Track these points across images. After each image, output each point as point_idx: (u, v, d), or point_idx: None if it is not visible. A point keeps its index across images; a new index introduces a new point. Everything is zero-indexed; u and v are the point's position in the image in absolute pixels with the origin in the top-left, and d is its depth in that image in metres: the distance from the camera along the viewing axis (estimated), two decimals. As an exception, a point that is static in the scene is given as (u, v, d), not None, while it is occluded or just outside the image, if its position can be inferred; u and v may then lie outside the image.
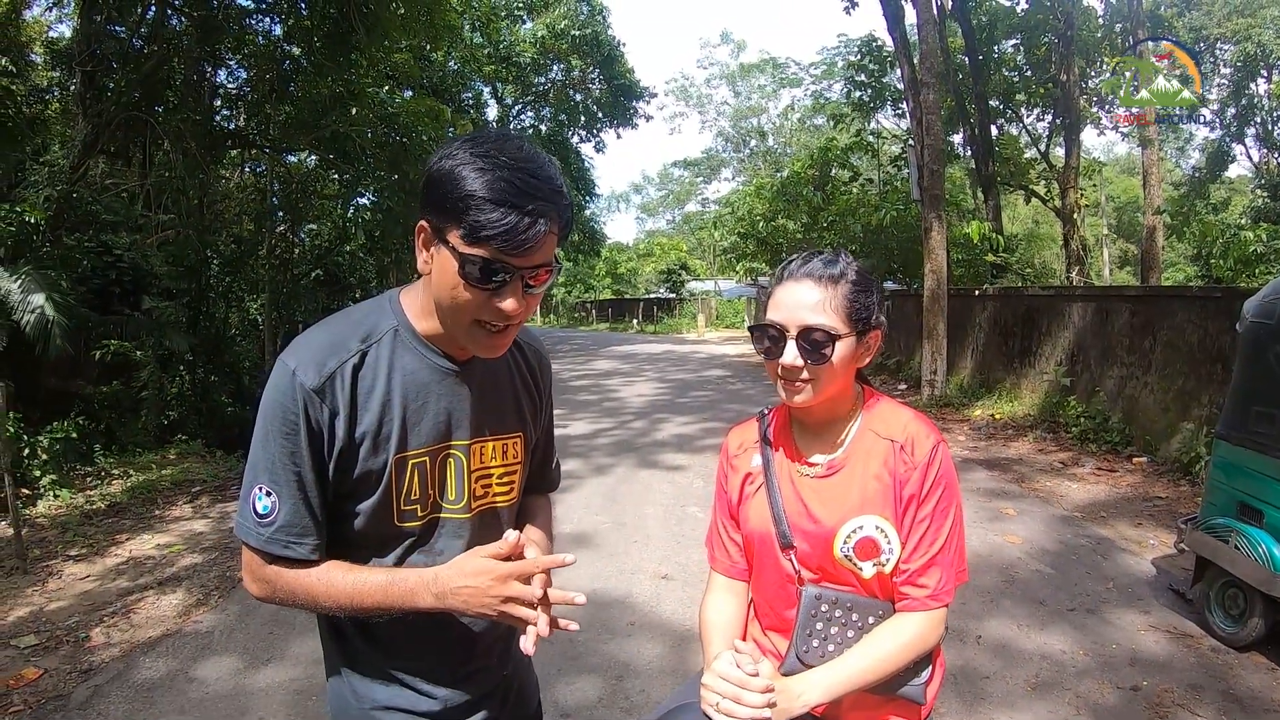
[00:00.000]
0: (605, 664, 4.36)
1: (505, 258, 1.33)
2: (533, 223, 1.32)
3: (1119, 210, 48.34)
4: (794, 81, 50.77)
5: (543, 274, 1.41)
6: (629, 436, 10.95)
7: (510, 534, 1.48)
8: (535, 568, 1.46)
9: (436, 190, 1.35)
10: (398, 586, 1.46)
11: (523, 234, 1.32)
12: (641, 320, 49.49)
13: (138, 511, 7.54)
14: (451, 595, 1.44)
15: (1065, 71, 20.08)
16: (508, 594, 1.42)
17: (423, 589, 1.45)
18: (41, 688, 4.22)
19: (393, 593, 1.46)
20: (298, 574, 1.48)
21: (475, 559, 1.45)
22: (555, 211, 1.37)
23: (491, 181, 1.31)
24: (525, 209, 1.31)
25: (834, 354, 1.63)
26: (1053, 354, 11.13)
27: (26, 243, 9.24)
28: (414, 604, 1.46)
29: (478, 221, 1.30)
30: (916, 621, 1.65)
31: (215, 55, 13.21)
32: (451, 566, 1.46)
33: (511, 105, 33.03)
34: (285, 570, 1.48)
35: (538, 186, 1.33)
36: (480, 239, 1.31)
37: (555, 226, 1.38)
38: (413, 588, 1.46)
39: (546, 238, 1.36)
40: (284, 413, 1.43)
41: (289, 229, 16.14)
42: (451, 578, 1.44)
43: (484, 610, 1.44)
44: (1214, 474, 4.66)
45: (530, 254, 1.35)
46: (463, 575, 1.44)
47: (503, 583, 1.42)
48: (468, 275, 1.35)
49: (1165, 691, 3.92)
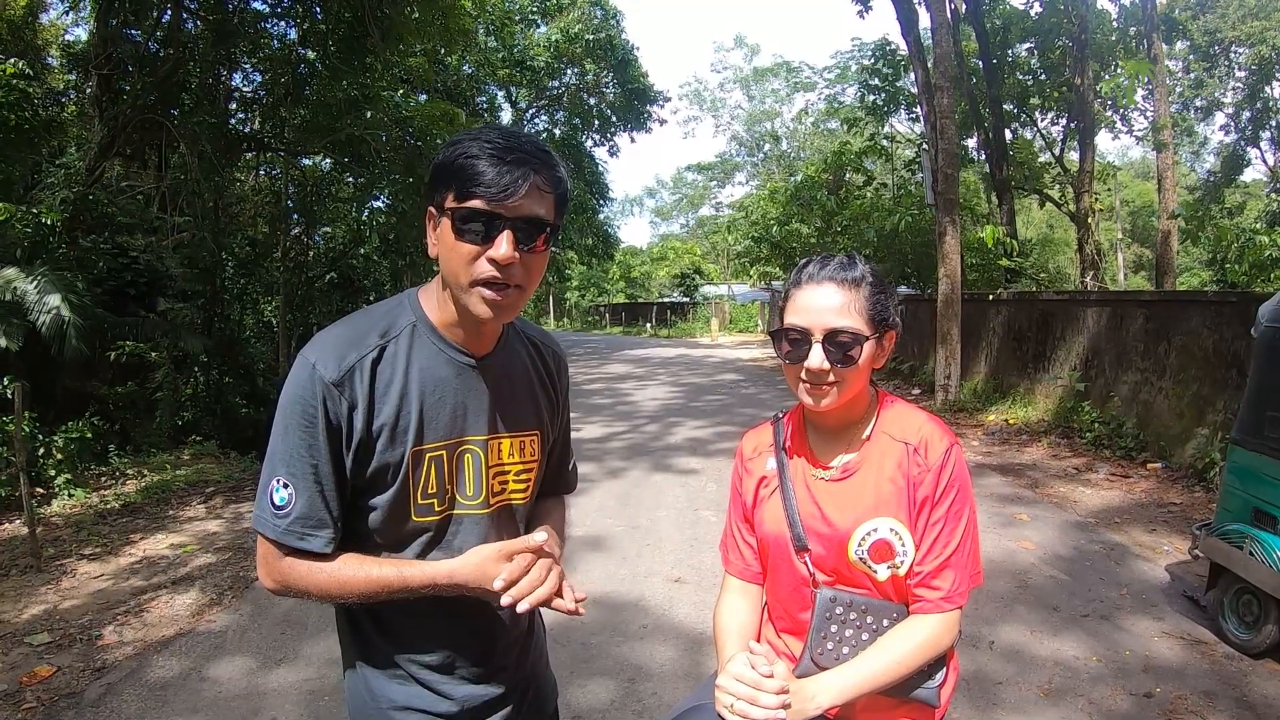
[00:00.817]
0: (618, 667, 4.36)
1: (492, 207, 1.39)
2: (513, 170, 1.40)
3: (1134, 215, 48.10)
4: (808, 85, 50.85)
5: (539, 238, 1.46)
6: (642, 440, 10.95)
7: (538, 534, 1.52)
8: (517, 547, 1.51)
9: (435, 170, 1.47)
10: (410, 581, 1.49)
11: (503, 180, 1.39)
12: (655, 324, 49.43)
13: (152, 511, 7.58)
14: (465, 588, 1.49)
15: (1079, 75, 19.94)
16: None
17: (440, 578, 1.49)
18: (55, 685, 4.25)
19: (408, 586, 1.49)
20: (311, 567, 1.49)
21: (492, 561, 1.49)
22: (543, 168, 1.44)
23: (478, 146, 1.41)
24: (507, 159, 1.39)
25: (860, 356, 1.64)
26: (1067, 359, 11.08)
27: (43, 244, 9.32)
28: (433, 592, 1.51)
29: (464, 176, 1.40)
30: (930, 624, 1.65)
31: (231, 59, 13.29)
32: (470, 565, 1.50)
33: (525, 109, 33.07)
34: (299, 563, 1.49)
35: (522, 144, 1.43)
36: (467, 194, 1.39)
37: (545, 185, 1.45)
38: (426, 581, 1.49)
39: (533, 191, 1.42)
40: (303, 406, 1.45)
41: (304, 232, 16.23)
42: (466, 575, 1.48)
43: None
44: (1229, 480, 4.63)
45: (517, 203, 1.41)
46: (481, 575, 1.48)
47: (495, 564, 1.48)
48: (460, 229, 1.41)
49: (1179, 698, 3.90)
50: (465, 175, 1.39)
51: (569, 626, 4.78)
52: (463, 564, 1.49)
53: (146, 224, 12.10)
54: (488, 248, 1.41)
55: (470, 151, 1.40)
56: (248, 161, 16.58)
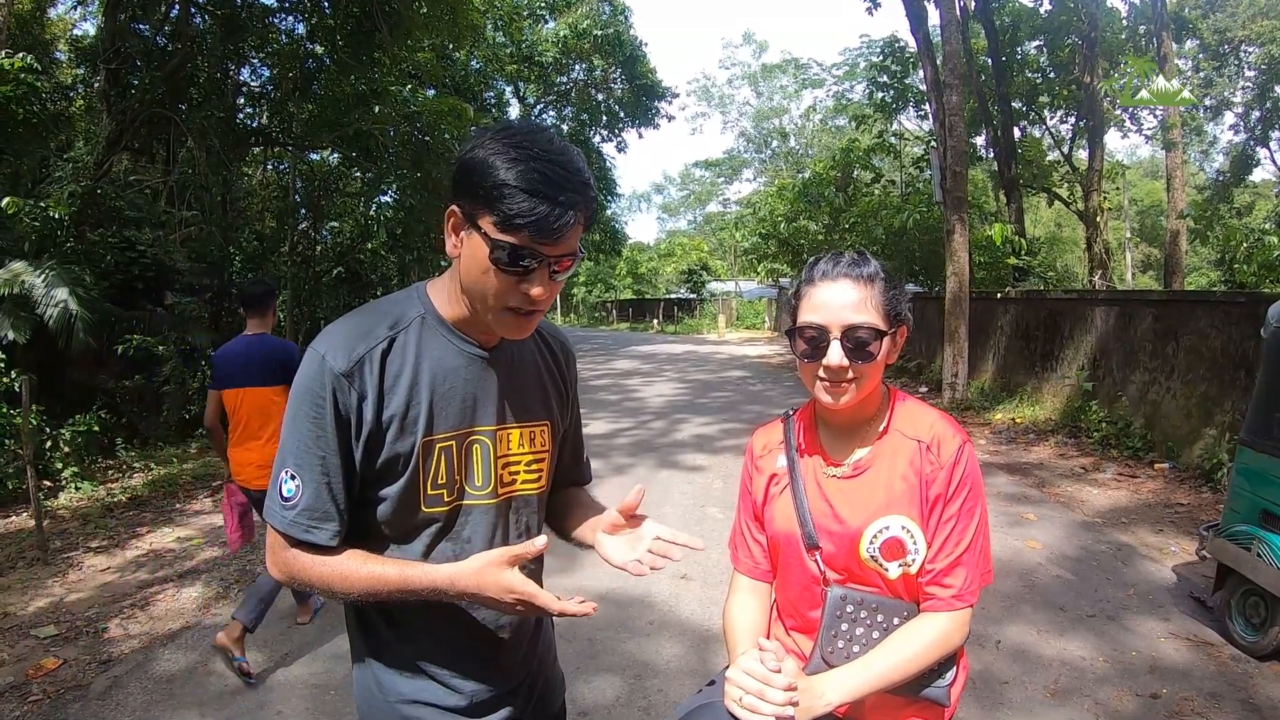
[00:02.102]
0: (624, 663, 4.36)
1: (535, 245, 1.38)
2: (563, 213, 1.37)
3: (1142, 214, 47.97)
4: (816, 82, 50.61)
5: (566, 261, 1.45)
6: (649, 436, 10.95)
7: (540, 539, 1.51)
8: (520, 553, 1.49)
9: (470, 178, 1.39)
10: (414, 585, 1.48)
11: (554, 224, 1.36)
12: (662, 320, 49.46)
13: (158, 505, 7.60)
14: (468, 598, 1.50)
15: (1089, 73, 19.89)
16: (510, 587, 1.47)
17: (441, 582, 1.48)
18: (61, 678, 4.27)
19: (410, 590, 1.49)
20: (315, 560, 1.49)
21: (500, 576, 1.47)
22: (583, 203, 1.41)
23: (525, 172, 1.35)
24: (557, 200, 1.36)
25: (878, 351, 1.64)
26: (1075, 358, 11.05)
27: (51, 238, 9.33)
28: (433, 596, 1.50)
29: (511, 210, 1.35)
30: (941, 622, 1.64)
31: (239, 53, 13.32)
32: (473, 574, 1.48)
33: (533, 105, 33.03)
34: (303, 555, 1.50)
35: (568, 179, 1.38)
36: (512, 226, 1.36)
37: (583, 217, 1.42)
38: (431, 586, 1.48)
39: (574, 228, 1.41)
40: (313, 397, 1.45)
41: (311, 226, 16.25)
42: (469, 585, 1.48)
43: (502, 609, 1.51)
44: (1237, 481, 4.61)
45: (559, 243, 1.40)
46: (483, 588, 1.47)
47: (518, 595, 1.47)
48: (498, 261, 1.39)
49: (1185, 700, 3.88)
50: (511, 206, 1.35)
51: (575, 623, 4.77)
52: (464, 569, 1.48)
53: (154, 218, 12.13)
54: (523, 282, 1.41)
55: (514, 180, 1.35)
56: (255, 156, 16.61)
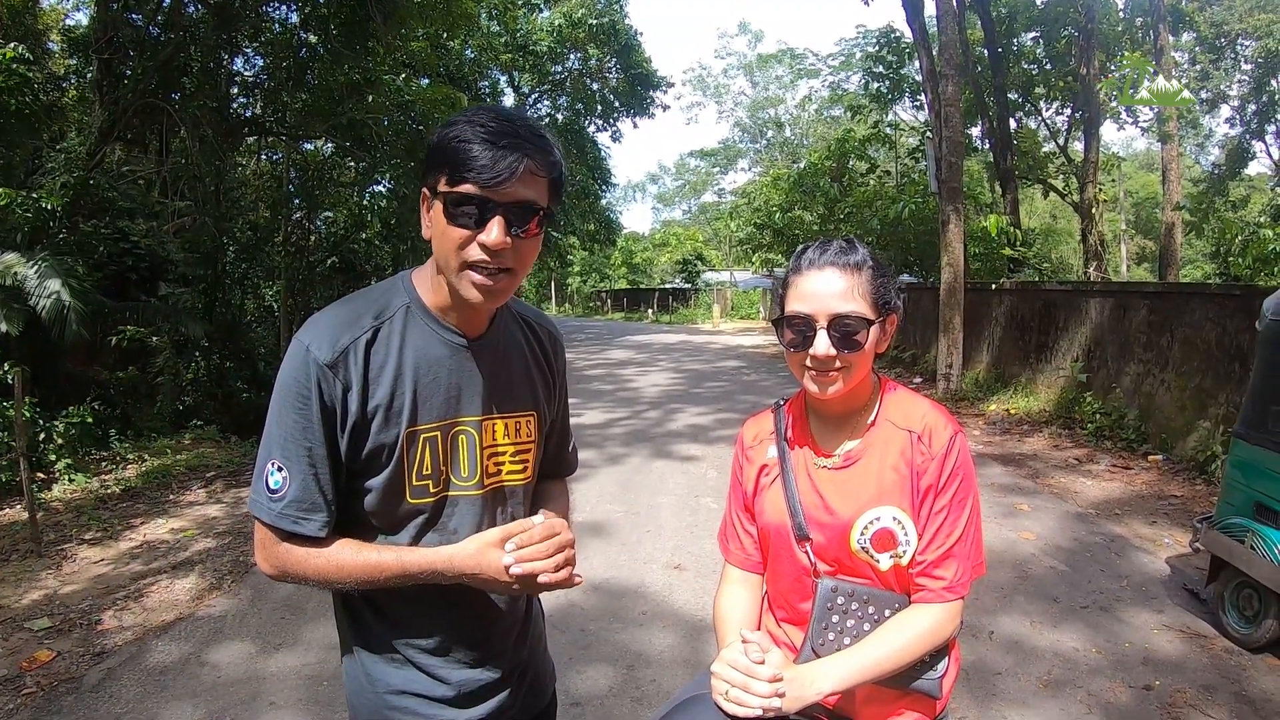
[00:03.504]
0: (617, 653, 4.36)
1: (485, 192, 1.38)
2: (505, 155, 1.37)
3: (1137, 206, 48.01)
4: (812, 72, 50.65)
5: (531, 222, 1.44)
6: (643, 426, 10.95)
7: (537, 517, 1.54)
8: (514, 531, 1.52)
9: (430, 156, 1.45)
10: (411, 570, 1.49)
11: (498, 164, 1.37)
12: (657, 310, 49.42)
13: (152, 496, 7.59)
14: (467, 579, 1.50)
15: (1085, 65, 19.90)
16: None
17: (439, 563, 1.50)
18: (54, 670, 4.26)
19: (408, 575, 1.49)
20: (308, 553, 1.49)
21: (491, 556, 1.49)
22: (536, 152, 1.41)
23: (472, 129, 1.39)
24: (500, 143, 1.37)
25: (866, 340, 1.63)
26: (1069, 350, 11.06)
27: (43, 229, 9.30)
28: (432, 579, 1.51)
29: (457, 161, 1.38)
30: (932, 613, 1.64)
31: (232, 43, 13.23)
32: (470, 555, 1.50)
33: (528, 94, 32.98)
34: (295, 548, 1.49)
35: (515, 128, 1.40)
36: (460, 179, 1.38)
37: (539, 169, 1.43)
38: (430, 562, 1.50)
39: (527, 176, 1.40)
40: (298, 388, 1.45)
41: (305, 216, 16.19)
42: (465, 566, 1.49)
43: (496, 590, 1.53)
44: (1231, 473, 4.62)
45: (510, 188, 1.39)
46: (481, 568, 1.49)
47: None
48: (452, 214, 1.41)
49: (1178, 692, 3.89)
50: (458, 159, 1.38)
51: (568, 613, 4.79)
52: (461, 550, 1.49)
53: (147, 209, 12.09)
54: (479, 232, 1.40)
55: (463, 135, 1.38)
56: (249, 146, 16.54)
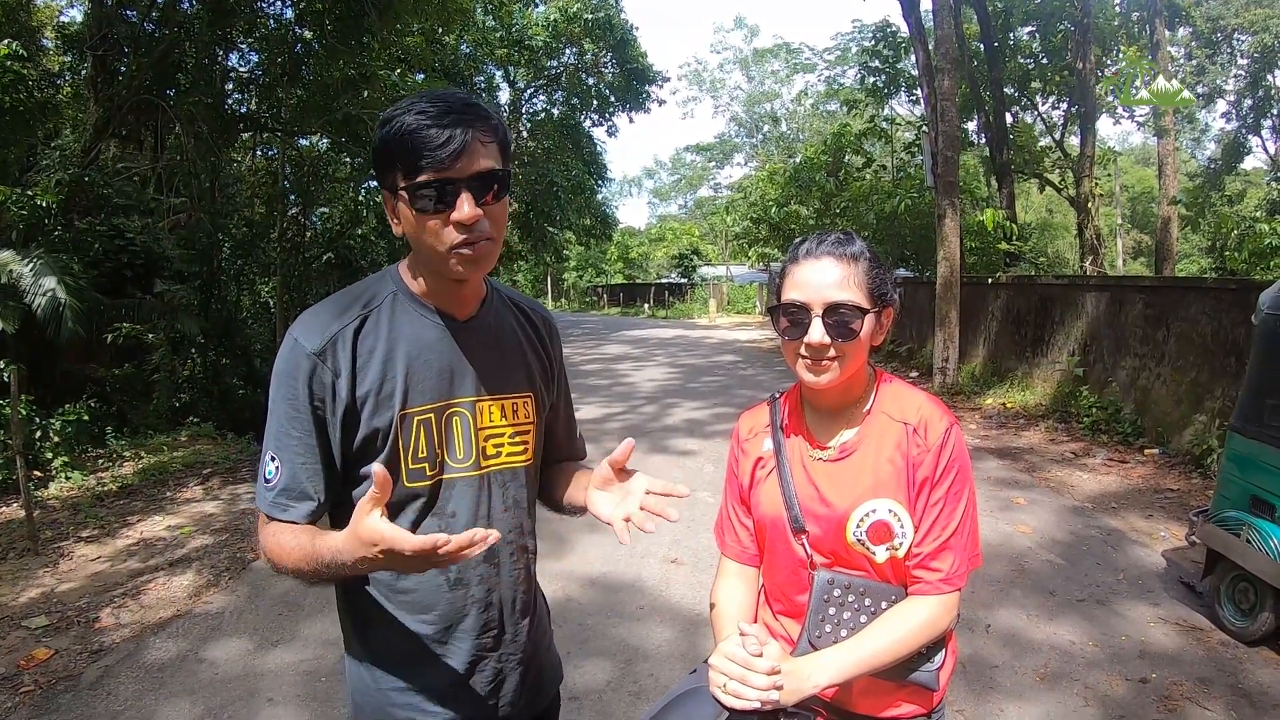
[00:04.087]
0: (614, 647, 4.37)
1: (443, 174, 1.39)
2: (449, 132, 1.38)
3: (1134, 201, 48.06)
4: (808, 67, 50.52)
5: (492, 190, 1.45)
6: (640, 421, 10.96)
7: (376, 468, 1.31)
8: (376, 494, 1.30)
9: (378, 155, 1.46)
10: (322, 549, 1.39)
11: (448, 146, 1.38)
12: (653, 305, 49.44)
13: (149, 493, 7.58)
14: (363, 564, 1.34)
15: (1081, 59, 19.89)
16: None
17: (338, 543, 1.35)
18: (52, 668, 4.26)
19: (321, 552, 1.39)
20: (277, 539, 1.48)
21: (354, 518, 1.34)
22: (477, 120, 1.42)
23: (410, 116, 1.39)
24: (443, 123, 1.38)
25: (861, 329, 1.63)
26: (1065, 344, 11.08)
27: (38, 226, 9.28)
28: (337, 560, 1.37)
29: (408, 152, 1.39)
30: (929, 605, 1.64)
31: (227, 38, 13.18)
32: (350, 538, 1.32)
33: (523, 89, 32.90)
34: (272, 527, 1.50)
35: (449, 105, 1.41)
36: (416, 168, 1.39)
37: (484, 135, 1.43)
38: (332, 546, 1.36)
39: (476, 146, 1.41)
40: (289, 379, 1.47)
41: (301, 212, 16.15)
42: (347, 544, 1.34)
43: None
44: (1227, 467, 4.63)
45: (463, 162, 1.40)
46: (346, 535, 1.34)
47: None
48: (418, 206, 1.41)
49: (1174, 684, 3.91)
50: (407, 150, 1.39)
51: (566, 608, 4.81)
52: (344, 533, 1.34)
53: (143, 205, 12.08)
54: (450, 213, 1.41)
55: (405, 125, 1.39)
56: (244, 142, 16.51)
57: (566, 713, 3.64)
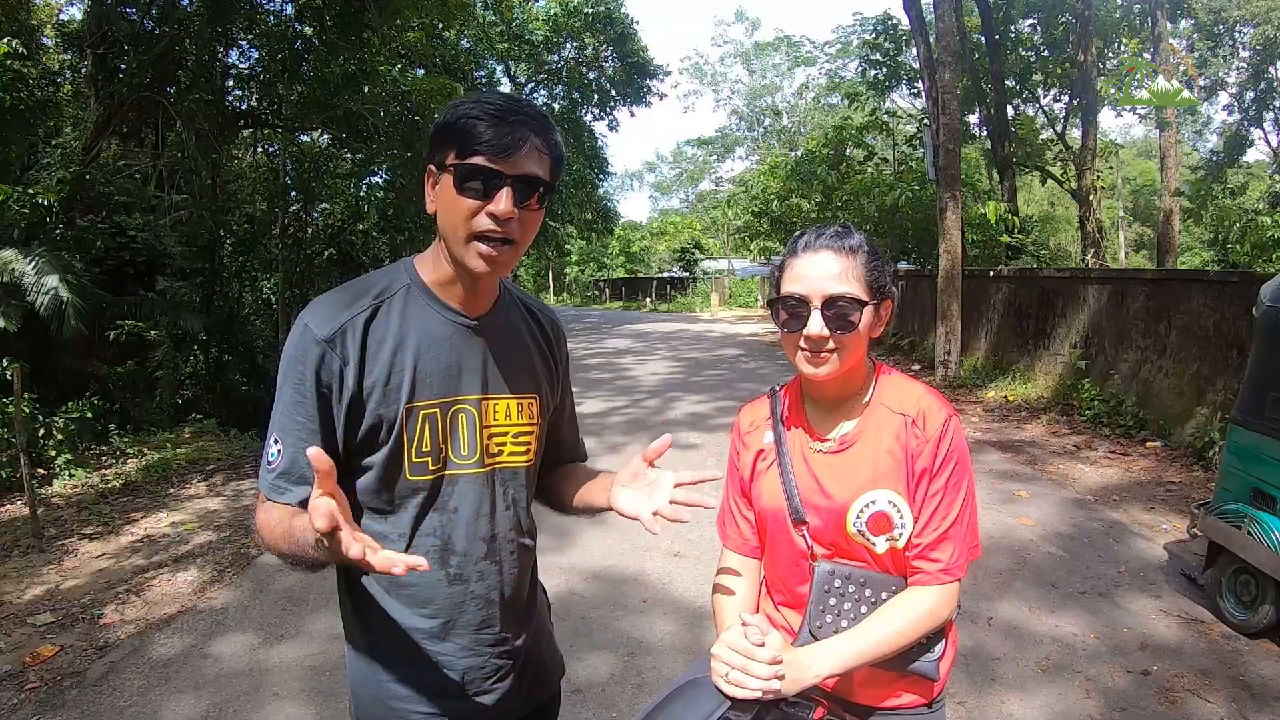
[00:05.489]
0: (618, 640, 4.38)
1: (493, 164, 1.43)
2: (514, 130, 1.44)
3: (1135, 193, 47.95)
4: (809, 60, 50.53)
5: (534, 196, 1.48)
6: (642, 415, 10.98)
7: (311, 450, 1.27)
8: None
9: (437, 132, 1.50)
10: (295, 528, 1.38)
11: (506, 138, 1.43)
12: (655, 299, 49.42)
13: (152, 490, 7.60)
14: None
15: (1083, 52, 19.85)
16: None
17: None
18: (57, 665, 4.27)
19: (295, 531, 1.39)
20: (267, 514, 1.49)
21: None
22: (540, 130, 1.48)
23: (476, 105, 1.45)
24: (508, 120, 1.44)
25: (860, 322, 1.63)
26: (1067, 336, 11.07)
27: (40, 225, 9.28)
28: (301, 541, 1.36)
29: (467, 135, 1.43)
30: (929, 596, 1.65)
31: (227, 35, 13.17)
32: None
33: (524, 83, 32.87)
34: (263, 512, 1.51)
35: (521, 107, 1.47)
36: (470, 150, 1.43)
37: (544, 147, 1.49)
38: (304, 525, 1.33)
39: (533, 152, 1.46)
40: (297, 364, 1.49)
41: (302, 208, 16.13)
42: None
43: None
44: (1228, 460, 4.64)
45: (517, 161, 1.45)
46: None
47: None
48: (462, 183, 1.45)
49: (1176, 677, 3.92)
50: (468, 134, 1.42)
51: (569, 601, 4.82)
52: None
53: (144, 203, 12.07)
54: (487, 203, 1.44)
55: (473, 112, 1.43)
56: (245, 138, 16.47)
57: (570, 706, 3.68)
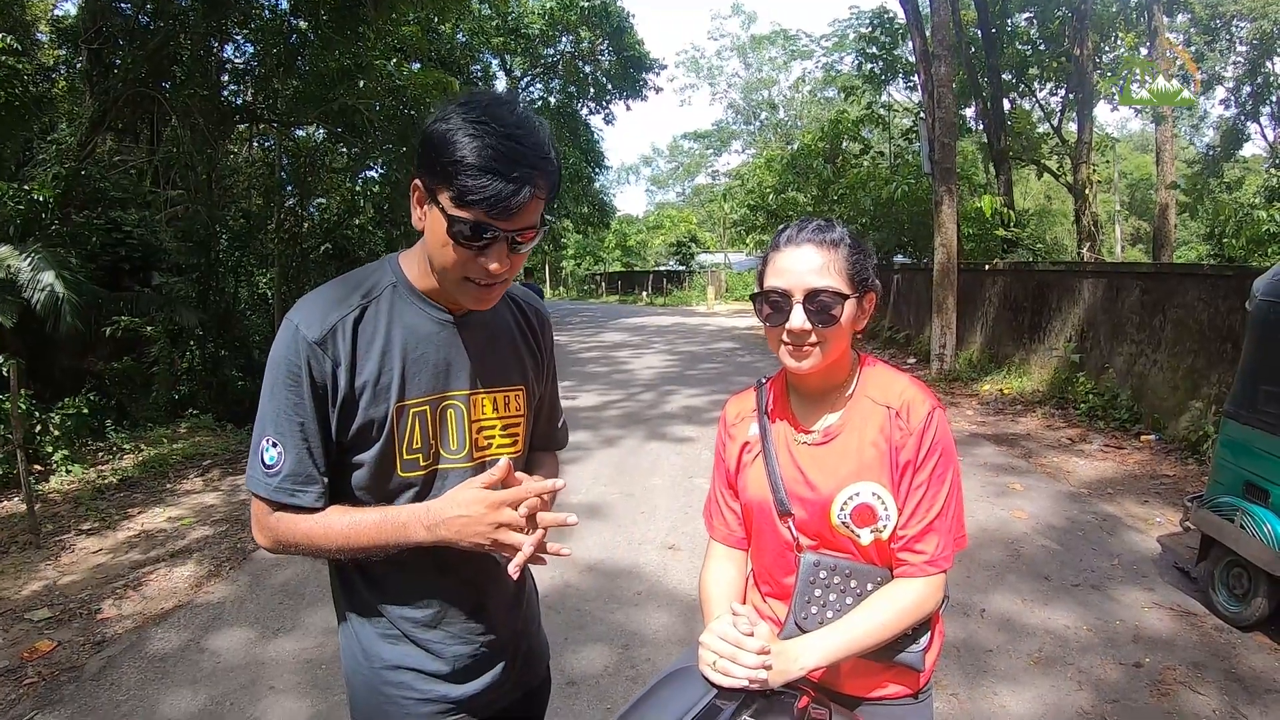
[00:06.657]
0: (612, 633, 4.40)
1: (491, 221, 1.39)
2: (518, 189, 1.37)
3: (1132, 187, 47.92)
4: (805, 54, 50.51)
5: (528, 234, 1.46)
6: (638, 408, 10.99)
7: (501, 460, 1.53)
8: (527, 493, 1.51)
9: (430, 153, 1.41)
10: (390, 521, 1.50)
11: (507, 200, 1.37)
12: (651, 293, 49.36)
13: (149, 486, 7.60)
14: (444, 526, 1.48)
15: (1079, 46, 19.83)
16: (500, 520, 1.47)
17: (415, 522, 1.49)
18: (55, 660, 4.29)
19: (386, 528, 1.50)
20: (298, 519, 1.52)
21: (468, 489, 1.50)
22: (542, 177, 1.42)
23: (480, 149, 1.35)
24: (510, 176, 1.36)
25: (842, 315, 1.64)
26: (1063, 330, 11.09)
27: (35, 221, 9.26)
28: (407, 537, 1.50)
29: (465, 186, 1.36)
30: (914, 587, 1.66)
31: (222, 30, 13.14)
32: (444, 498, 1.51)
33: (520, 77, 32.83)
34: (287, 517, 1.53)
35: (524, 154, 1.38)
36: (468, 203, 1.37)
37: (542, 191, 1.43)
38: (405, 521, 1.50)
39: (532, 203, 1.41)
40: (288, 366, 1.49)
41: (298, 203, 16.11)
42: (444, 508, 1.49)
43: (477, 539, 1.48)
44: (1221, 453, 4.66)
45: (515, 218, 1.41)
46: (455, 505, 1.48)
47: (495, 509, 1.47)
48: (455, 235, 1.41)
49: (1168, 669, 3.94)
50: (466, 183, 1.35)
51: (564, 593, 4.84)
52: (445, 524, 1.48)
53: (140, 198, 12.03)
54: (481, 256, 1.43)
55: (469, 157, 1.35)
56: (240, 134, 16.45)
57: (565, 698, 3.70)
